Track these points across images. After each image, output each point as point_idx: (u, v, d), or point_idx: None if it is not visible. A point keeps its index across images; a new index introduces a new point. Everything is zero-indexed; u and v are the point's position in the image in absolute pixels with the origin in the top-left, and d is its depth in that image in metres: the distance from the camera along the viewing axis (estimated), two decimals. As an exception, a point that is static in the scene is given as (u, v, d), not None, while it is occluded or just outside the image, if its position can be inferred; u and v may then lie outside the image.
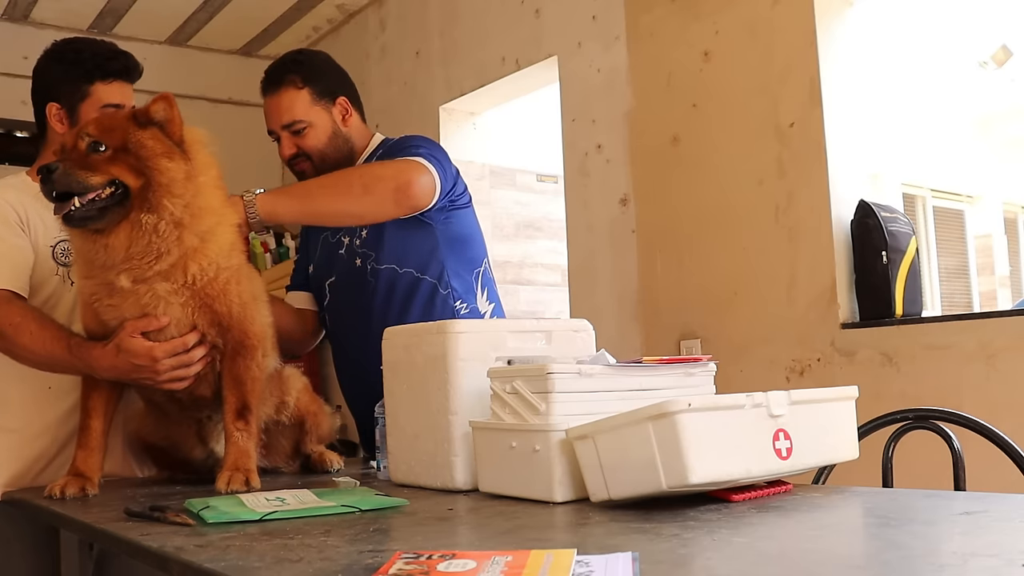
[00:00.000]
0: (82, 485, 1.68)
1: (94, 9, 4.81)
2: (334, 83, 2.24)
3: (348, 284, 2.19)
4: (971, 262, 7.52)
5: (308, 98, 2.17)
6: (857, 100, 3.00)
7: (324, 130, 2.18)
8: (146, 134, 1.64)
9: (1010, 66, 6.08)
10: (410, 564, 0.90)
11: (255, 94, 2.27)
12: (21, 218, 1.96)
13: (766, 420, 1.26)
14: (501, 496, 1.42)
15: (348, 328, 2.22)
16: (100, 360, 1.70)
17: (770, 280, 2.99)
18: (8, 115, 4.88)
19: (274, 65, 2.24)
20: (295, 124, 2.16)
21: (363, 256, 2.15)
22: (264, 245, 5.31)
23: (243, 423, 1.71)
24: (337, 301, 2.23)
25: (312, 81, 2.18)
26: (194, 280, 1.66)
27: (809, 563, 0.94)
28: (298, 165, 2.20)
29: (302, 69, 2.19)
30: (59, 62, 2.06)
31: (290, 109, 2.16)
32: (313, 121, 2.17)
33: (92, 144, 1.62)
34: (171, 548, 1.10)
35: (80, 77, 2.01)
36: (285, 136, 2.18)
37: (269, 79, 2.21)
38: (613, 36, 3.53)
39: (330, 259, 2.24)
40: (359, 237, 2.16)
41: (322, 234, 2.27)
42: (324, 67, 2.25)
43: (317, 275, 2.29)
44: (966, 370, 2.52)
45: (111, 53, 2.06)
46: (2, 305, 1.83)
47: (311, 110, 2.17)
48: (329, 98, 2.20)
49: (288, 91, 2.16)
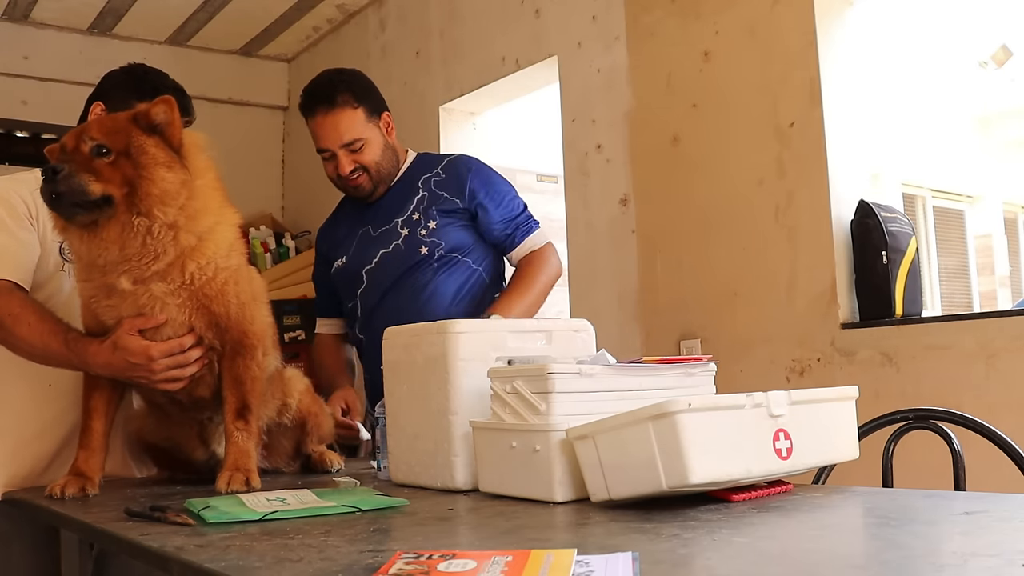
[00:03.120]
0: (82, 485, 1.68)
1: (94, 9, 4.81)
2: (378, 99, 2.40)
3: (399, 267, 2.35)
4: (971, 262, 7.51)
5: (363, 116, 2.32)
6: (857, 100, 3.00)
7: (378, 144, 2.36)
8: (150, 141, 1.64)
9: (1010, 66, 6.08)
10: (410, 564, 0.90)
11: (255, 94, 2.28)
12: (31, 212, 1.97)
13: (766, 420, 1.26)
14: (501, 496, 1.42)
15: (394, 307, 2.32)
16: (96, 357, 1.70)
17: (770, 280, 2.99)
18: (8, 115, 4.88)
19: (320, 85, 2.36)
20: (355, 142, 2.31)
21: (431, 245, 2.34)
22: (264, 245, 5.32)
23: (243, 423, 1.71)
24: (380, 284, 2.37)
25: (364, 99, 2.33)
26: (192, 280, 1.66)
27: (809, 563, 0.94)
28: (357, 180, 2.36)
29: (353, 88, 2.33)
30: (125, 74, 2.13)
31: (350, 128, 2.30)
32: (369, 138, 2.33)
33: (96, 147, 1.61)
34: (171, 548, 1.10)
35: (135, 93, 2.04)
36: (343, 154, 2.32)
37: (320, 99, 2.32)
38: (613, 36, 3.52)
39: (370, 249, 2.40)
40: (425, 228, 2.34)
41: (358, 230, 2.43)
42: (369, 84, 2.41)
43: (351, 265, 2.42)
44: (966, 370, 2.52)
45: (170, 84, 2.11)
46: (3, 295, 1.84)
47: (367, 127, 2.33)
48: (377, 114, 2.37)
49: (345, 111, 2.30)
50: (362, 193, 2.40)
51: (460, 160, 2.46)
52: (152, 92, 2.04)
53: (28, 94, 4.85)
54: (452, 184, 2.38)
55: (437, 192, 2.38)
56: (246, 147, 5.33)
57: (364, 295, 2.41)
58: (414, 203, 2.38)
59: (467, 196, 2.36)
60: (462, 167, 2.42)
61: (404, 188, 2.42)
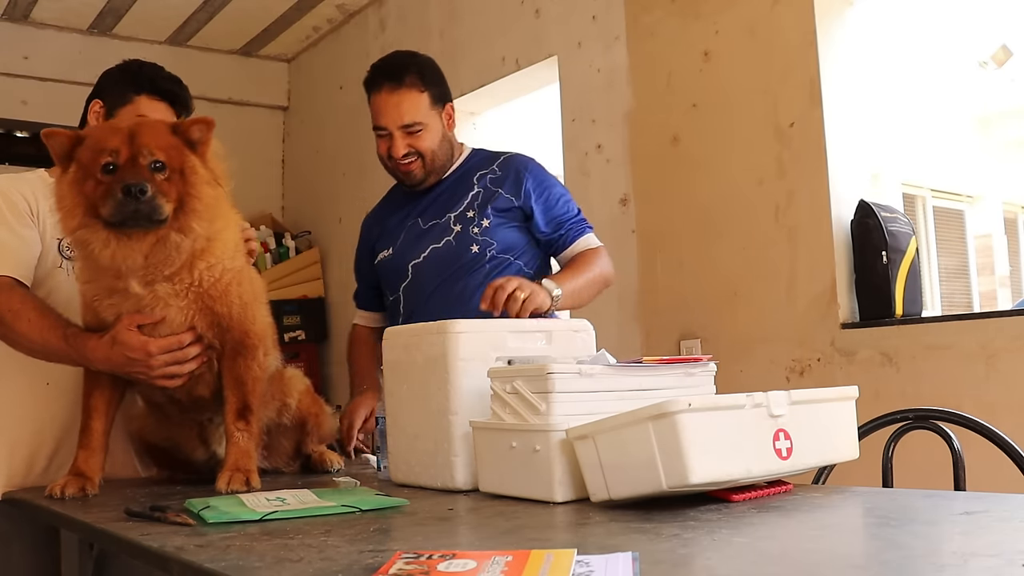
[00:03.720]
0: (82, 485, 1.68)
1: (94, 9, 4.81)
2: (445, 89, 2.35)
3: (448, 265, 2.28)
4: (971, 262, 7.51)
5: (427, 101, 2.27)
6: (857, 100, 3.00)
7: (437, 133, 2.30)
8: (196, 160, 1.66)
9: (1010, 66, 6.08)
10: (410, 564, 0.90)
11: (255, 94, 2.28)
12: (32, 210, 1.98)
13: (766, 420, 1.26)
14: (501, 496, 1.42)
15: (438, 306, 2.24)
16: (95, 352, 1.70)
17: (770, 280, 2.99)
18: (8, 115, 4.88)
19: (391, 62, 2.32)
20: (414, 126, 2.25)
21: (483, 244, 2.27)
22: (264, 245, 5.32)
23: (244, 423, 1.71)
24: (426, 280, 2.31)
25: (431, 85, 2.29)
26: (200, 281, 1.67)
27: (809, 563, 0.94)
28: (409, 165, 2.29)
29: (423, 71, 2.29)
30: (121, 70, 2.13)
31: (411, 111, 2.25)
32: (429, 124, 2.28)
33: (154, 163, 1.61)
34: (171, 548, 1.10)
35: (131, 86, 2.06)
36: (399, 135, 2.26)
37: (388, 75, 2.27)
38: (613, 36, 3.52)
39: (419, 242, 2.33)
40: (478, 226, 2.27)
41: (407, 222, 2.37)
42: (438, 72, 2.36)
43: (397, 258, 2.36)
44: (966, 370, 2.52)
45: (166, 75, 2.12)
46: (4, 291, 1.84)
47: (429, 113, 2.28)
48: (441, 103, 2.32)
49: (411, 92, 2.25)
50: (411, 180, 2.33)
51: (517, 158, 2.40)
52: (148, 84, 2.06)
53: (28, 94, 4.86)
54: (508, 181, 2.31)
55: (492, 189, 2.31)
56: (246, 147, 5.33)
57: (408, 291, 2.34)
58: (468, 199, 2.31)
59: (523, 194, 2.29)
60: (520, 165, 2.35)
61: (459, 183, 2.36)
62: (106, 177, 1.59)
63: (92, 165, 1.60)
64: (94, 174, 1.60)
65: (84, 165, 1.61)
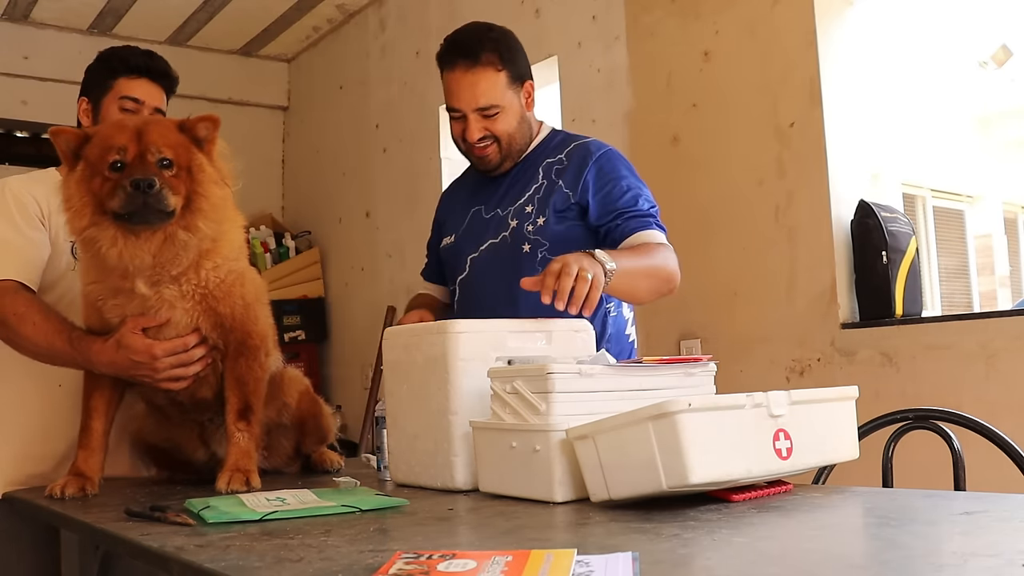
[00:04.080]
0: (82, 485, 1.68)
1: (94, 9, 4.81)
2: (524, 64, 2.13)
3: (502, 263, 2.07)
4: (971, 262, 7.51)
5: (505, 80, 2.06)
6: (857, 100, 3.00)
7: (515, 114, 2.09)
8: (202, 157, 1.67)
9: (1010, 66, 6.08)
10: (410, 564, 0.90)
11: (255, 94, 2.27)
12: (43, 212, 1.98)
13: (766, 420, 1.26)
14: (501, 496, 1.42)
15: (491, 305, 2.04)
16: (100, 355, 1.70)
17: (770, 280, 2.99)
18: (8, 115, 4.88)
19: (466, 37, 2.11)
20: (491, 108, 2.05)
21: (534, 244, 2.04)
22: (264, 245, 5.32)
23: (245, 423, 1.71)
24: (481, 277, 2.12)
25: (509, 63, 2.07)
26: (206, 282, 1.68)
27: (809, 563, 0.94)
28: (484, 149, 2.08)
29: (500, 48, 2.08)
30: (97, 61, 2.12)
31: (488, 92, 2.04)
32: (506, 106, 2.06)
33: (161, 160, 1.62)
34: (171, 548, 1.10)
35: (106, 72, 2.06)
36: (474, 118, 2.05)
37: (463, 52, 2.07)
38: (613, 36, 3.53)
39: (479, 233, 2.14)
40: (533, 224, 2.04)
41: (473, 207, 2.18)
42: (517, 47, 2.14)
43: (458, 247, 2.18)
44: (966, 370, 2.52)
45: (137, 52, 2.11)
46: (8, 295, 1.84)
47: (506, 93, 2.06)
48: (519, 82, 2.10)
49: (487, 72, 2.04)
50: (486, 165, 2.11)
51: (588, 146, 2.11)
52: (121, 65, 2.06)
53: (28, 94, 4.86)
54: (569, 173, 2.06)
55: (554, 181, 2.06)
56: (246, 147, 5.32)
57: (464, 285, 2.15)
58: (531, 191, 2.08)
59: (580, 188, 2.03)
60: (587, 154, 2.08)
61: (525, 171, 2.13)
62: (114, 174, 1.59)
63: (100, 163, 1.60)
64: (102, 171, 1.60)
65: (92, 163, 1.61)
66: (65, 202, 1.64)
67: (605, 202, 2.01)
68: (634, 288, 1.90)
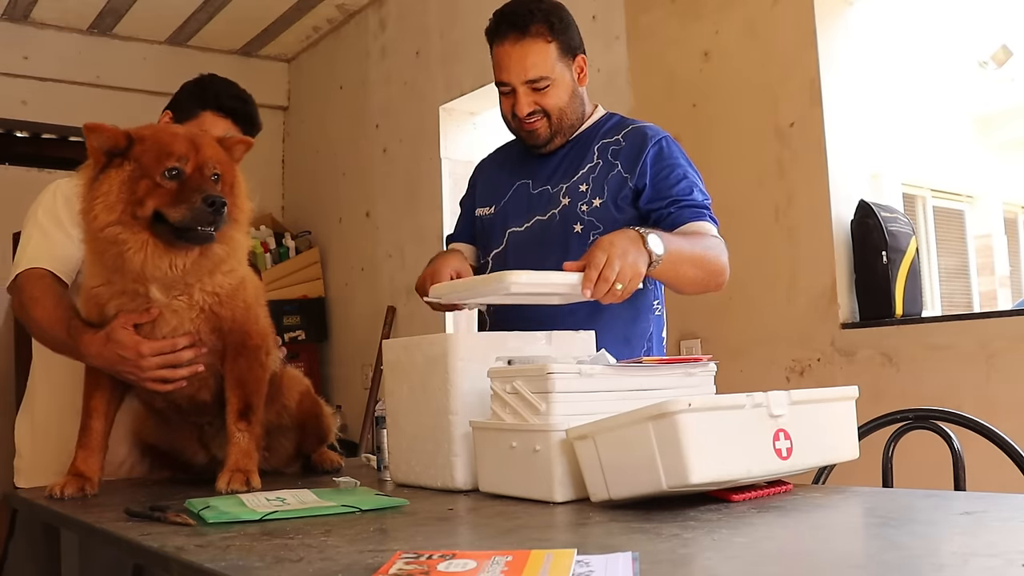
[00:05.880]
0: (81, 485, 1.68)
1: (94, 9, 4.81)
2: (576, 37, 2.06)
3: (549, 241, 2.02)
4: (971, 262, 7.51)
5: (556, 52, 1.99)
6: (857, 100, 3.00)
7: (566, 88, 2.03)
8: (238, 173, 1.72)
9: (1010, 66, 6.08)
10: (410, 564, 0.90)
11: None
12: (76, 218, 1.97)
13: (766, 420, 1.26)
14: (501, 496, 1.42)
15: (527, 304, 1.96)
16: (89, 346, 1.70)
17: (770, 280, 2.99)
18: (8, 115, 4.88)
19: (516, 7, 2.03)
20: (540, 81, 1.98)
21: (588, 225, 1.99)
22: (264, 245, 5.32)
23: (245, 423, 1.71)
24: (520, 252, 2.05)
25: (560, 34, 2.00)
26: (217, 288, 1.69)
27: (809, 563, 0.94)
28: (533, 123, 2.02)
29: (550, 19, 2.00)
30: (194, 83, 2.17)
31: (537, 64, 1.98)
32: (557, 79, 2.00)
33: (215, 175, 1.65)
34: (171, 548, 1.10)
35: (198, 102, 2.09)
36: (524, 91, 1.99)
37: (512, 23, 2.00)
38: (613, 36, 3.52)
39: (525, 208, 2.08)
40: (588, 204, 1.99)
41: (518, 180, 2.12)
42: (569, 19, 2.06)
43: (498, 220, 2.12)
44: (966, 370, 2.52)
45: (235, 93, 2.14)
46: (33, 279, 1.86)
47: (557, 66, 2.00)
48: (571, 55, 2.03)
49: (537, 43, 1.97)
50: (536, 140, 2.05)
51: (646, 130, 2.08)
52: (214, 100, 2.09)
53: (28, 94, 4.85)
54: (627, 154, 2.01)
55: (612, 162, 2.01)
56: (246, 147, 5.33)
57: (498, 260, 2.08)
58: (585, 170, 2.02)
59: (638, 171, 1.98)
60: (645, 137, 2.04)
61: (579, 150, 2.07)
62: (169, 182, 1.59)
63: (154, 167, 1.59)
64: (154, 176, 1.59)
65: (144, 165, 1.59)
66: (96, 195, 1.60)
67: (660, 187, 1.97)
68: (679, 276, 1.86)
